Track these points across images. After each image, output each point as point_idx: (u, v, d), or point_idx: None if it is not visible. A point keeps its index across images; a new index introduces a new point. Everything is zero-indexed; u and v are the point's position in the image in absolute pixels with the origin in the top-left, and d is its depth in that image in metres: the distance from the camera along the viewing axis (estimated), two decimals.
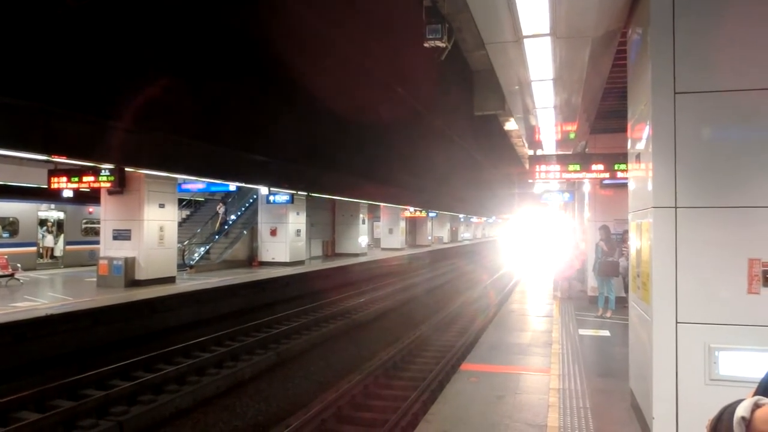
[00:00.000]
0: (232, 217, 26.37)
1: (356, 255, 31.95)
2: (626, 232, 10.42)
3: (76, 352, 11.38)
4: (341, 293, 20.55)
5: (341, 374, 11.47)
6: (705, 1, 4.81)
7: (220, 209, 24.54)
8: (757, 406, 1.41)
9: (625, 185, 8.29)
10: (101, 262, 16.85)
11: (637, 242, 5.84)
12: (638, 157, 5.76)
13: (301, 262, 25.37)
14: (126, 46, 14.16)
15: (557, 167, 11.77)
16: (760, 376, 1.56)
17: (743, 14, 4.72)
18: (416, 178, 33.67)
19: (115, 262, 16.52)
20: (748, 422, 1.39)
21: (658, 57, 4.87)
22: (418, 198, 36.89)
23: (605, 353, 9.10)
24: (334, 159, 24.78)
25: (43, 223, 23.22)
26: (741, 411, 1.41)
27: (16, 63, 11.78)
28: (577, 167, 11.50)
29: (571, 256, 15.09)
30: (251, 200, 26.41)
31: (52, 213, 23.27)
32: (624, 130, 6.66)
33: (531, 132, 12.03)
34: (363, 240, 33.52)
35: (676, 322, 4.74)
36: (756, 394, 1.50)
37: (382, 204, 35.42)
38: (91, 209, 23.84)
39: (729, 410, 1.46)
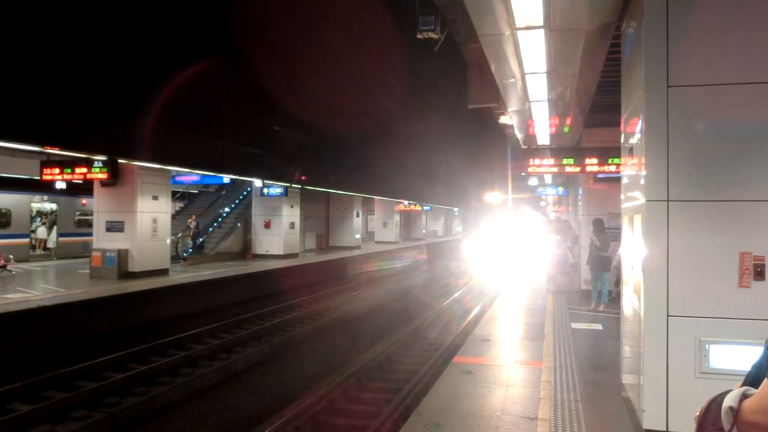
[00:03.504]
0: (227, 209, 26.30)
1: (351, 248, 31.94)
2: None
3: (69, 344, 11.34)
4: (334, 286, 20.58)
5: (334, 367, 11.47)
6: None
7: (191, 223, 23.35)
8: (744, 396, 1.42)
9: (619, 179, 8.30)
10: (94, 253, 16.79)
11: (629, 236, 5.86)
12: (631, 150, 5.77)
13: (294, 255, 25.36)
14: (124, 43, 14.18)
15: (551, 161, 11.79)
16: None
17: (737, 8, 4.72)
18: (404, 170, 33.81)
19: (108, 254, 16.47)
20: (735, 412, 1.40)
21: (652, 50, 4.86)
22: (408, 191, 36.91)
23: (597, 346, 9.13)
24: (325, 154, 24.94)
25: (36, 214, 23.10)
26: (729, 401, 1.42)
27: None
28: (571, 161, 11.53)
29: (564, 249, 15.11)
30: (245, 192, 26.34)
31: (45, 204, 23.15)
32: (618, 124, 6.67)
33: (525, 126, 12.04)
34: (357, 233, 33.50)
35: (668, 316, 4.76)
36: (743, 385, 1.51)
37: (375, 197, 35.41)
38: (84, 201, 23.73)
39: (717, 401, 1.47)
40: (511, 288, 16.78)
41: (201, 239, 23.82)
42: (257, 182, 23.15)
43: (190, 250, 22.53)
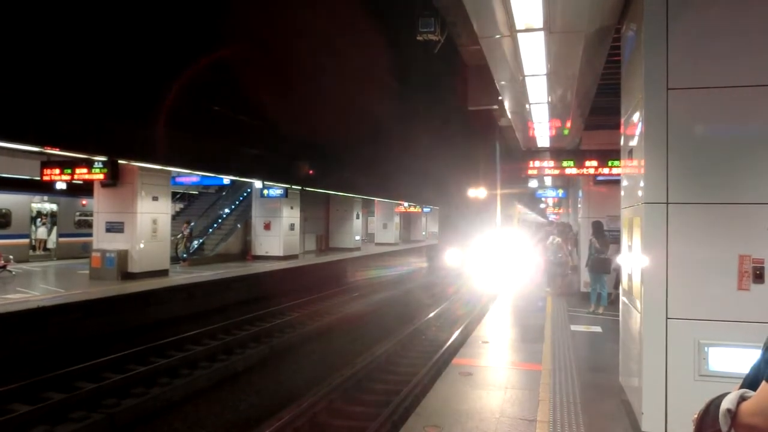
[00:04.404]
0: (227, 210, 26.30)
1: (350, 250, 31.94)
2: None
3: (68, 344, 11.34)
4: (334, 287, 20.57)
5: (334, 368, 11.46)
6: None
7: (185, 230, 22.58)
8: (742, 398, 1.42)
9: (618, 182, 8.30)
10: (94, 254, 16.79)
11: (628, 238, 5.86)
12: (631, 153, 5.77)
13: (294, 256, 25.36)
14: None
15: (551, 163, 11.78)
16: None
17: (736, 11, 4.72)
18: (400, 171, 33.87)
19: (107, 255, 16.46)
20: (733, 414, 1.40)
21: (652, 53, 4.87)
22: (401, 191, 36.88)
23: (596, 349, 9.13)
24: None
25: (36, 215, 23.09)
26: (727, 404, 1.42)
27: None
28: (571, 163, 11.52)
29: (565, 251, 15.10)
30: (245, 194, 26.34)
31: (45, 205, 23.15)
32: (618, 126, 6.67)
33: (525, 128, 12.03)
34: (357, 235, 33.52)
35: (666, 318, 4.76)
36: (741, 387, 1.51)
37: (375, 199, 35.42)
38: (84, 201, 23.72)
39: (715, 403, 1.47)
40: (509, 290, 16.76)
41: (200, 240, 23.77)
42: (257, 183, 23.16)
43: (185, 255, 22.38)
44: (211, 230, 24.89)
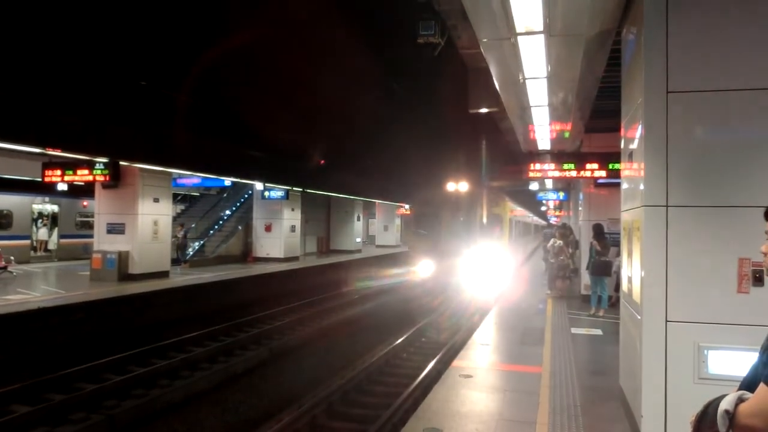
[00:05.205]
0: (228, 212, 26.31)
1: (351, 252, 31.93)
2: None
3: (68, 345, 11.34)
4: (334, 289, 20.57)
5: (333, 370, 11.47)
6: (698, 1, 4.83)
7: (180, 233, 22.20)
8: (741, 400, 1.43)
9: (619, 185, 8.31)
10: (95, 255, 16.80)
11: (628, 241, 5.86)
12: (631, 155, 5.78)
13: (295, 258, 25.37)
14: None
15: (552, 166, 11.79)
16: None
17: (736, 14, 4.73)
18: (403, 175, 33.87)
19: (108, 256, 16.47)
20: (731, 416, 1.41)
21: (652, 56, 4.88)
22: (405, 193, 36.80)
23: (597, 351, 9.13)
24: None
25: (37, 216, 23.11)
26: (725, 405, 1.43)
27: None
28: (572, 166, 11.52)
29: (565, 253, 15.09)
30: (246, 195, 26.36)
31: (46, 206, 23.17)
32: (618, 129, 6.68)
33: (525, 130, 12.03)
34: (358, 237, 33.52)
35: (666, 321, 4.76)
36: (739, 389, 1.52)
37: (376, 201, 35.40)
38: (85, 203, 23.75)
39: (713, 405, 1.48)
40: (510, 293, 16.75)
41: (201, 242, 23.75)
42: (258, 185, 23.18)
43: (180, 258, 22.25)
44: (212, 232, 24.90)
